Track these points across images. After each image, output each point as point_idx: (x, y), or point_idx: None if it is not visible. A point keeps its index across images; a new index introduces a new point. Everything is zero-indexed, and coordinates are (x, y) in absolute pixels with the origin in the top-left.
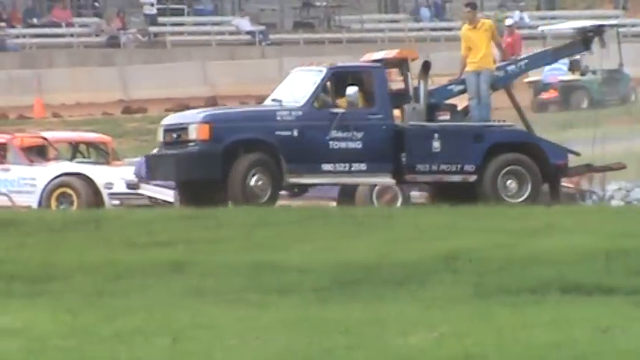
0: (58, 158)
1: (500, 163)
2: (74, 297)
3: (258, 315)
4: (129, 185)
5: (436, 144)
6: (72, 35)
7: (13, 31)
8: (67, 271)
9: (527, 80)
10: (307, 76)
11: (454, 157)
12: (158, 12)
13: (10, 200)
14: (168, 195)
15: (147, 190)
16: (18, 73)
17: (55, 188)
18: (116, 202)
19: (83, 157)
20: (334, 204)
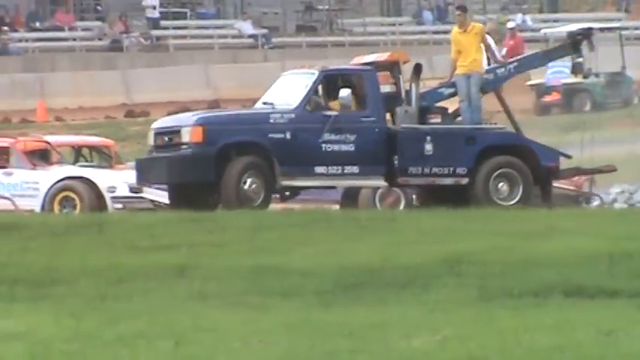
0: (61, 162)
1: (492, 166)
2: (77, 301)
3: (260, 318)
4: (132, 189)
5: (428, 147)
6: (74, 39)
7: (16, 35)
8: (70, 275)
9: (529, 83)
10: (299, 79)
11: (446, 160)
12: (160, 15)
13: (13, 204)
14: None
15: (150, 194)
16: (21, 77)
17: (58, 192)
18: (119, 206)
19: (86, 161)
20: (337, 207)
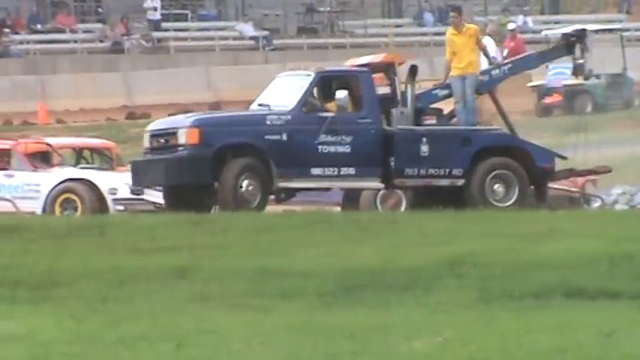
0: (62, 164)
1: (487, 167)
2: (78, 303)
3: (262, 320)
4: (133, 191)
5: (424, 148)
6: (76, 41)
7: (17, 37)
8: (71, 277)
9: (531, 84)
10: (294, 81)
11: (442, 161)
12: (161, 17)
13: (15, 206)
14: None
15: (151, 196)
16: (22, 79)
17: (59, 194)
18: (120, 208)
19: (87, 163)
20: (338, 209)
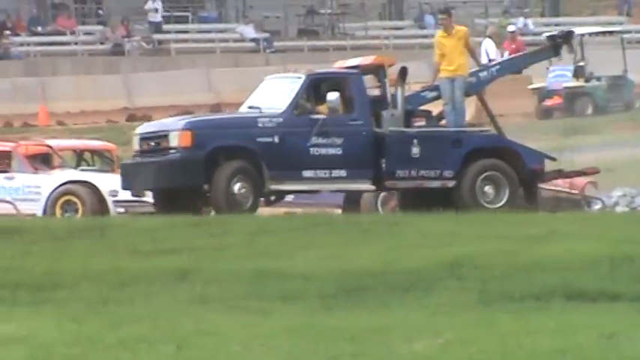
0: (63, 166)
1: (478, 169)
2: (79, 305)
3: (262, 322)
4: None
5: (416, 150)
6: (76, 43)
7: (18, 39)
8: (72, 279)
9: (531, 87)
10: (285, 83)
11: (433, 163)
12: (162, 19)
13: (15, 208)
14: None
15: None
16: (22, 81)
17: (60, 196)
18: (121, 210)
19: (88, 165)
20: (339, 211)
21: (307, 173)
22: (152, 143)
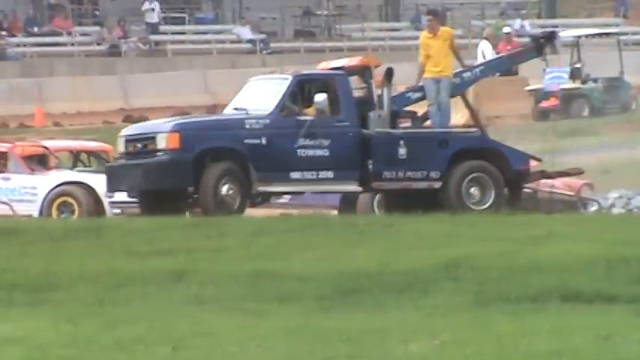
0: (59, 167)
1: (464, 170)
2: (75, 306)
3: (258, 323)
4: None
5: (402, 151)
6: (73, 44)
7: (14, 40)
8: (68, 280)
9: (528, 88)
10: (271, 85)
11: (420, 164)
12: (159, 20)
13: (11, 209)
14: None
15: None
16: (19, 82)
17: (56, 197)
18: (117, 211)
19: (84, 166)
20: (335, 212)
21: (295, 175)
22: (138, 145)
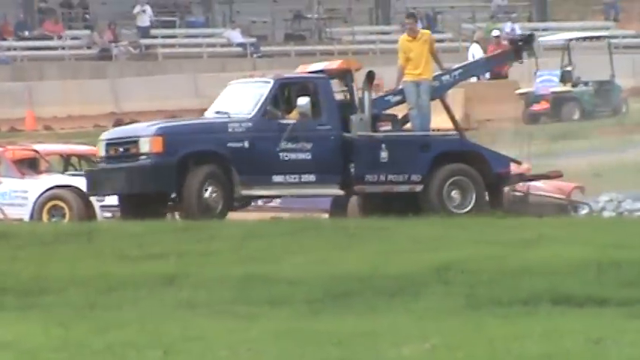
0: (50, 171)
1: (446, 173)
2: (66, 310)
3: (249, 327)
4: None
5: (384, 154)
6: (63, 48)
7: (5, 44)
8: (59, 284)
9: (518, 92)
10: (252, 88)
11: (401, 167)
12: (150, 24)
13: (2, 213)
14: None
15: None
16: (9, 86)
17: (47, 201)
18: (108, 215)
19: (75, 170)
20: (326, 215)
21: (277, 178)
22: (120, 149)
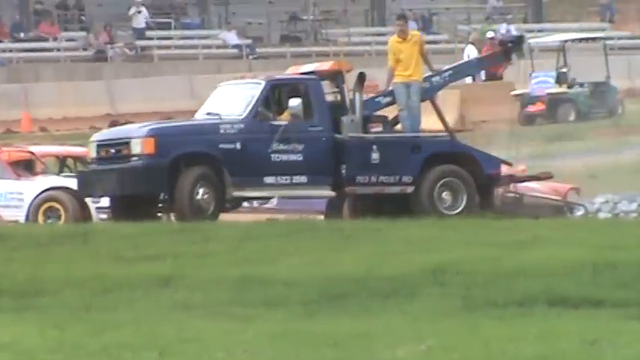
0: (46, 172)
1: (437, 175)
2: (62, 311)
3: (245, 328)
4: None
5: (375, 155)
6: (59, 49)
7: (0, 46)
8: (55, 286)
9: (514, 93)
10: (243, 89)
11: (393, 168)
12: (146, 25)
13: None
14: None
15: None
16: (5, 88)
17: (43, 202)
18: (103, 216)
19: (70, 171)
20: (322, 217)
21: (268, 179)
22: (112, 150)
